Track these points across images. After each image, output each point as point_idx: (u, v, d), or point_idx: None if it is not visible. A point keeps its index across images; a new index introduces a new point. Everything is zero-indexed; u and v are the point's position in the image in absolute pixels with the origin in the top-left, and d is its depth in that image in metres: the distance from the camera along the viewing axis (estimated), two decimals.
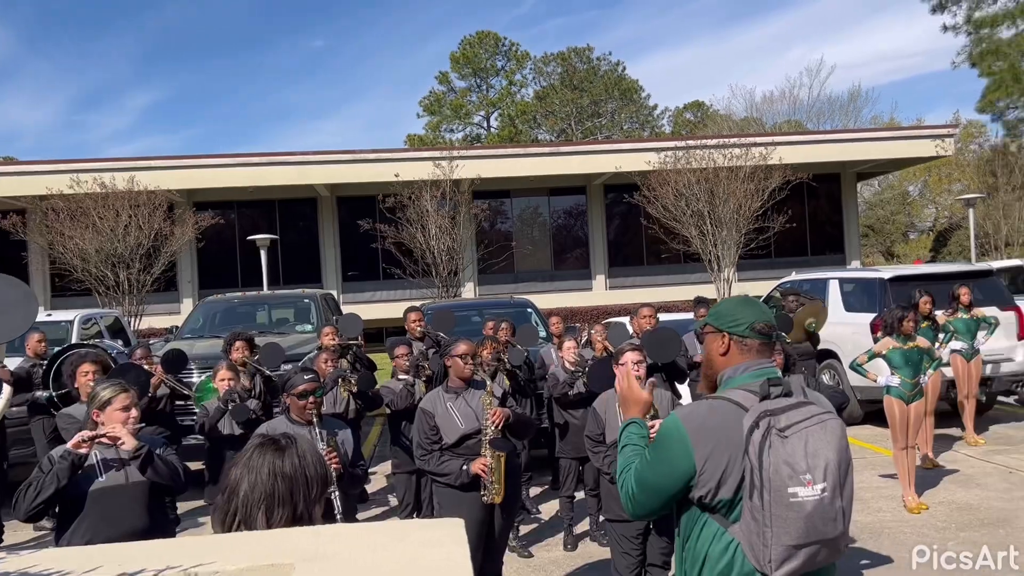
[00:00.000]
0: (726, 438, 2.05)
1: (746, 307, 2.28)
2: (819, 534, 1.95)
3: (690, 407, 2.23)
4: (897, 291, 9.40)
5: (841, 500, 2.00)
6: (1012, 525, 6.00)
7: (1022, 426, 9.57)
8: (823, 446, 1.98)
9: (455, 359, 4.36)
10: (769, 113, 41.72)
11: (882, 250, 38.94)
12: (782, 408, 2.03)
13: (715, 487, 2.05)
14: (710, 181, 18.25)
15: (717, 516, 2.08)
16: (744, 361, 2.21)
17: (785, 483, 1.94)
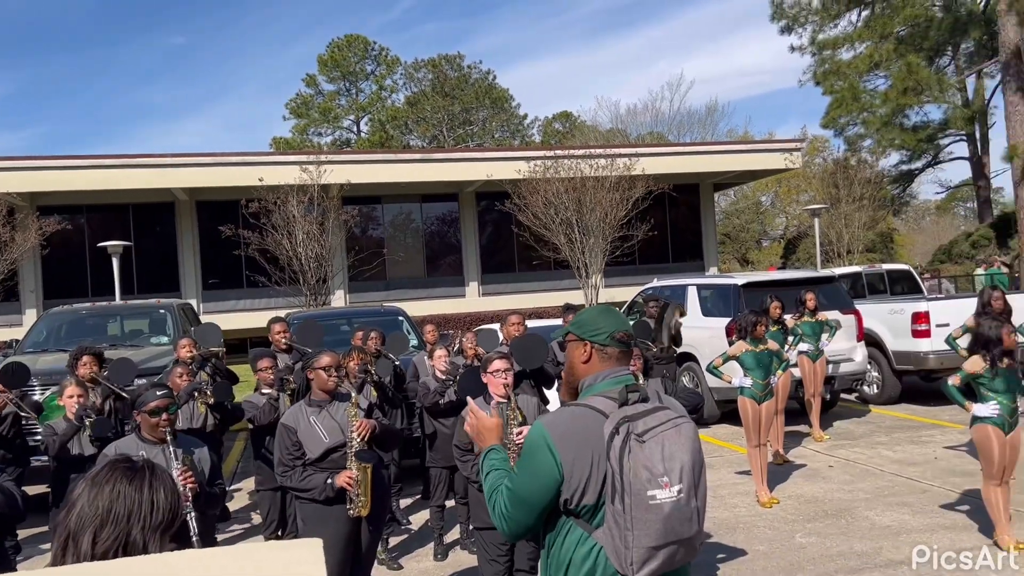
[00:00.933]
0: (588, 444, 2.09)
1: (607, 317, 2.34)
2: (677, 534, 2.02)
3: (553, 415, 2.26)
4: (750, 296, 9.92)
5: (696, 500, 2.08)
6: (852, 515, 6.45)
7: (862, 422, 10.31)
8: (678, 449, 2.05)
9: (318, 371, 4.26)
10: (633, 125, 43.27)
11: (738, 257, 41.05)
12: (640, 414, 2.09)
13: (580, 493, 2.09)
14: (578, 190, 18.68)
15: (580, 521, 2.12)
16: (601, 368, 2.27)
17: (644, 486, 1.99)
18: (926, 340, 10.57)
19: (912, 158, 32.18)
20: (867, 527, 6.11)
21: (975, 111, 28.95)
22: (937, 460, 8.01)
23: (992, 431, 5.36)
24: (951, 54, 28.47)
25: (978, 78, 28.87)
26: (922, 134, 29.06)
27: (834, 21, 26.45)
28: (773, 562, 5.51)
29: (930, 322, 10.59)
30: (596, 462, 2.07)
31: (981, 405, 5.41)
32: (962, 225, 40.92)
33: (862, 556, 5.51)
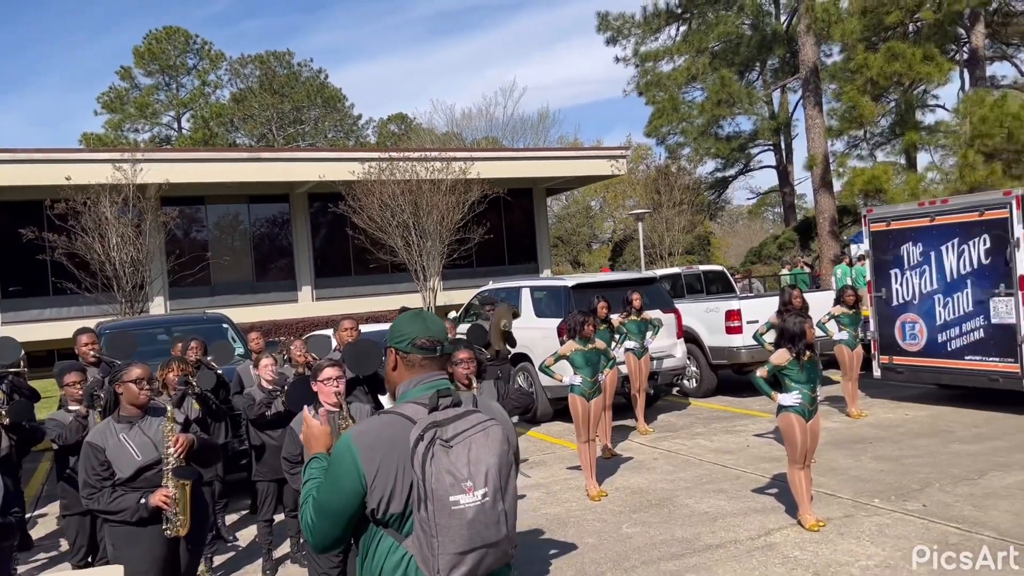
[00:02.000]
0: (395, 452, 2.08)
1: (412, 322, 2.32)
2: (483, 539, 2.02)
3: (362, 424, 2.23)
4: (579, 297, 10.25)
5: (503, 503, 2.07)
6: (674, 503, 6.81)
7: (683, 414, 10.91)
8: (485, 453, 2.05)
9: (127, 385, 3.97)
10: (468, 129, 43.65)
11: (570, 259, 42.39)
12: (450, 419, 2.08)
13: (386, 502, 2.08)
14: (414, 193, 18.60)
15: (390, 531, 2.11)
16: (411, 375, 2.27)
17: (448, 492, 1.99)
18: (738, 336, 11.34)
19: (726, 166, 34.50)
20: (687, 514, 6.47)
21: (780, 123, 31.47)
22: (749, 448, 8.61)
23: (795, 419, 5.85)
24: (759, 69, 30.79)
25: (782, 92, 31.39)
26: (734, 143, 31.25)
27: (655, 35, 27.89)
28: (602, 554, 5.71)
29: (742, 319, 11.38)
30: (402, 470, 2.07)
31: (786, 395, 5.90)
32: (771, 228, 44.28)
33: (683, 542, 5.82)
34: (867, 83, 19.67)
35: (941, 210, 9.76)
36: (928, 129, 24.16)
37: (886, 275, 10.41)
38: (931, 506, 6.19)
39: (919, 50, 18.75)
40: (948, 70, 20.15)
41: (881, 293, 10.48)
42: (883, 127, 26.80)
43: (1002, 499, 6.24)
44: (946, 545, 5.35)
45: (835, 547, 5.49)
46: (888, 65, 18.78)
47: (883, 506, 6.27)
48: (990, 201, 9.24)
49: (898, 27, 20.62)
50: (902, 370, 10.26)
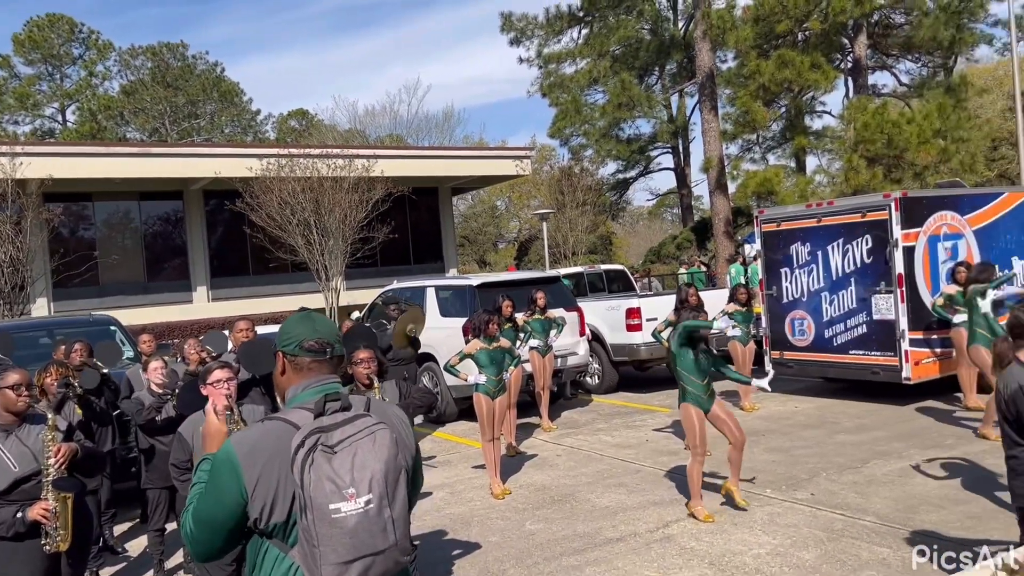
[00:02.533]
0: (276, 460, 2.00)
1: (300, 324, 2.24)
2: (368, 547, 1.95)
3: (244, 431, 2.14)
4: (484, 296, 10.28)
5: (391, 510, 1.99)
6: (576, 499, 6.90)
7: (585, 411, 11.08)
8: (371, 458, 1.98)
9: (3, 391, 3.73)
10: (372, 126, 43.12)
11: (476, 259, 42.46)
12: (336, 424, 2.01)
13: (268, 511, 2.01)
14: (315, 190, 18.22)
15: (276, 541, 2.04)
16: (299, 379, 2.20)
17: (328, 499, 1.92)
18: (638, 333, 11.61)
19: (627, 167, 35.23)
20: (589, 509, 6.57)
21: (678, 126, 32.36)
22: (648, 442, 8.81)
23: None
24: (658, 74, 31.56)
25: (680, 97, 32.28)
26: (635, 146, 31.94)
27: (558, 36, 28.22)
28: (505, 552, 5.73)
29: (641, 317, 11.65)
30: (284, 478, 1.99)
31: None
32: (670, 229, 45.49)
33: (584, 537, 5.91)
34: (759, 89, 20.47)
35: (827, 212, 10.25)
36: (816, 134, 25.36)
37: (777, 274, 10.84)
38: (819, 494, 6.48)
39: (807, 58, 19.65)
40: (834, 78, 21.20)
41: (772, 291, 10.91)
42: (775, 131, 27.95)
43: (882, 486, 6.60)
44: (832, 532, 5.61)
45: (729, 537, 5.68)
46: (779, 72, 19.59)
47: (774, 496, 6.52)
48: (871, 203, 9.75)
49: (788, 36, 21.53)
50: (792, 364, 10.72)
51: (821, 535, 5.57)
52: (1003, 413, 4.03)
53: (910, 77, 28.49)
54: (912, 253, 9.36)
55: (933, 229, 9.54)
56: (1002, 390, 4.00)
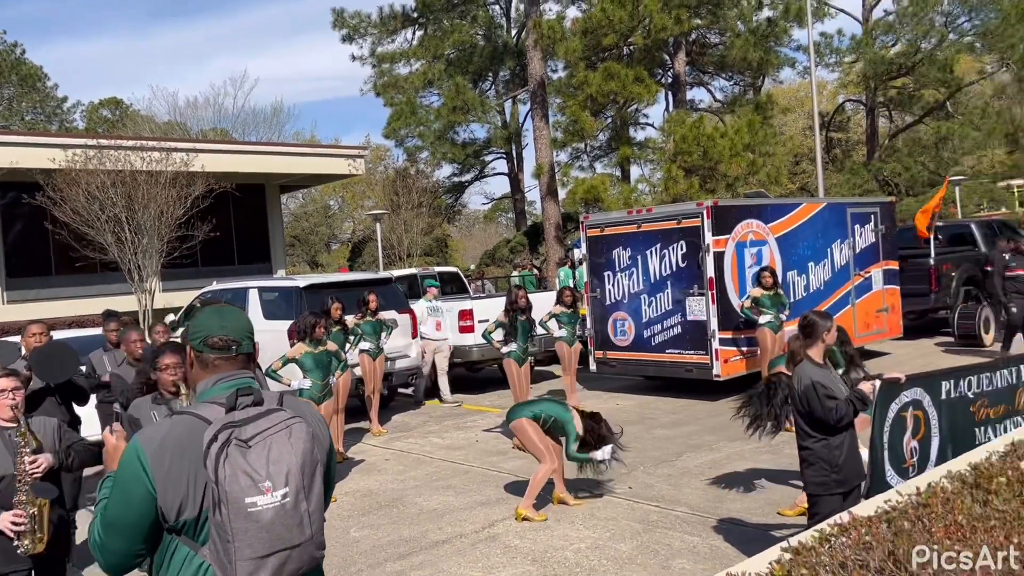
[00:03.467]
0: (187, 455, 1.97)
1: (208, 319, 2.20)
2: (284, 541, 1.93)
3: (152, 427, 2.08)
4: (312, 298, 9.98)
5: (307, 504, 1.98)
6: (403, 503, 6.84)
7: (416, 414, 11.02)
8: (287, 452, 1.96)
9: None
10: (194, 119, 40.84)
11: (308, 259, 41.27)
12: (250, 418, 1.98)
13: (178, 508, 1.96)
14: (127, 184, 16.99)
15: (185, 539, 1.99)
16: (208, 375, 2.17)
17: (244, 493, 1.89)
18: (471, 335, 11.69)
19: (462, 171, 35.51)
20: (416, 513, 6.53)
21: (512, 132, 32.97)
22: (478, 443, 8.89)
23: (527, 423, 6.22)
24: (492, 79, 32.04)
25: (514, 103, 32.92)
26: (469, 150, 32.24)
27: (392, 36, 27.98)
28: (327, 560, 5.55)
29: (474, 319, 11.75)
30: (195, 474, 1.96)
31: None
32: (504, 233, 46.26)
33: (409, 541, 5.86)
34: (588, 99, 21.23)
35: (647, 218, 10.77)
36: (639, 145, 26.66)
37: (601, 277, 11.27)
38: (636, 488, 6.78)
39: (632, 72, 20.60)
40: (656, 92, 22.34)
41: (596, 293, 11.33)
42: (602, 141, 29.13)
43: (694, 477, 7.00)
44: (648, 523, 5.88)
45: (552, 533, 5.82)
46: (605, 84, 20.40)
47: (595, 491, 6.75)
48: (686, 211, 10.35)
49: (614, 49, 22.49)
50: (614, 364, 11.17)
51: (638, 527, 5.82)
52: (796, 407, 4.38)
53: (724, 94, 30.61)
54: (722, 258, 10.01)
55: (740, 236, 10.25)
56: (795, 386, 4.34)
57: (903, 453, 4.69)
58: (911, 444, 4.71)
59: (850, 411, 4.17)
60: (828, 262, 11.41)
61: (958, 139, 27.07)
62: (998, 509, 2.66)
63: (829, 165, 32.60)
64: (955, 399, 4.98)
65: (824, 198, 15.64)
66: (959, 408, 5.00)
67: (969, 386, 5.05)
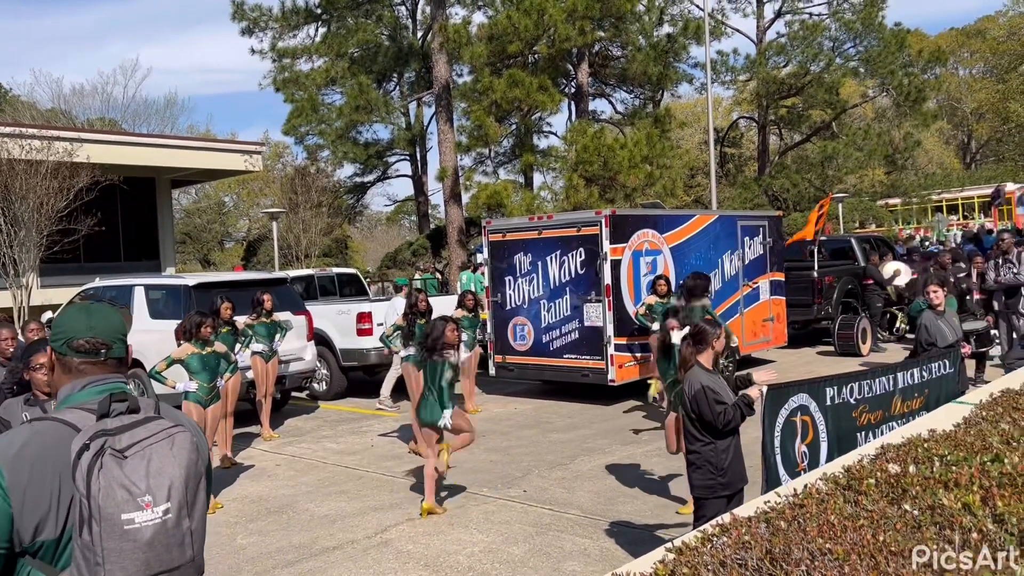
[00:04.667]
0: (49, 466, 1.75)
1: (73, 319, 1.99)
2: (163, 563, 1.74)
3: (8, 434, 1.83)
4: (201, 297, 9.63)
5: (190, 521, 1.81)
6: (294, 509, 6.67)
7: (311, 417, 10.78)
8: (169, 463, 1.78)
9: None
10: (80, 107, 38.85)
11: (199, 257, 39.82)
12: (126, 426, 1.79)
13: (35, 527, 1.73)
14: (4, 174, 16.00)
15: (40, 563, 1.75)
16: (72, 379, 1.95)
17: (120, 509, 1.69)
18: (369, 338, 11.53)
19: (365, 172, 35.02)
20: (307, 519, 6.37)
21: (416, 134, 32.78)
22: (374, 447, 8.77)
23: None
24: (397, 80, 31.77)
25: (418, 105, 32.73)
26: (372, 150, 31.85)
27: (293, 32, 27.36)
28: (211, 570, 5.36)
29: (372, 321, 11.59)
30: (59, 487, 1.74)
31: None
32: (407, 235, 45.91)
33: (299, 548, 5.72)
34: (492, 105, 21.33)
35: (548, 225, 10.89)
36: (543, 153, 26.94)
37: (502, 281, 11.32)
38: (531, 491, 6.83)
39: (536, 80, 20.81)
40: (559, 101, 22.66)
41: (497, 298, 11.37)
42: (506, 147, 29.31)
43: (587, 480, 7.10)
44: (541, 526, 5.93)
45: (446, 537, 5.79)
46: (510, 90, 20.54)
47: (491, 494, 6.77)
48: (585, 219, 10.52)
49: (519, 56, 22.68)
50: (513, 368, 11.24)
51: (531, 530, 5.86)
52: (687, 411, 4.50)
53: (624, 106, 31.35)
54: (619, 266, 10.22)
55: (637, 245, 10.49)
56: (686, 390, 4.47)
57: (795, 457, 4.89)
58: (801, 449, 4.92)
59: (737, 415, 4.32)
60: (719, 272, 11.82)
61: (842, 158, 28.56)
62: (867, 509, 2.80)
63: (722, 179, 33.90)
64: (839, 404, 5.23)
65: (716, 211, 16.23)
66: (843, 413, 5.26)
67: (851, 392, 5.32)
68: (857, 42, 28.80)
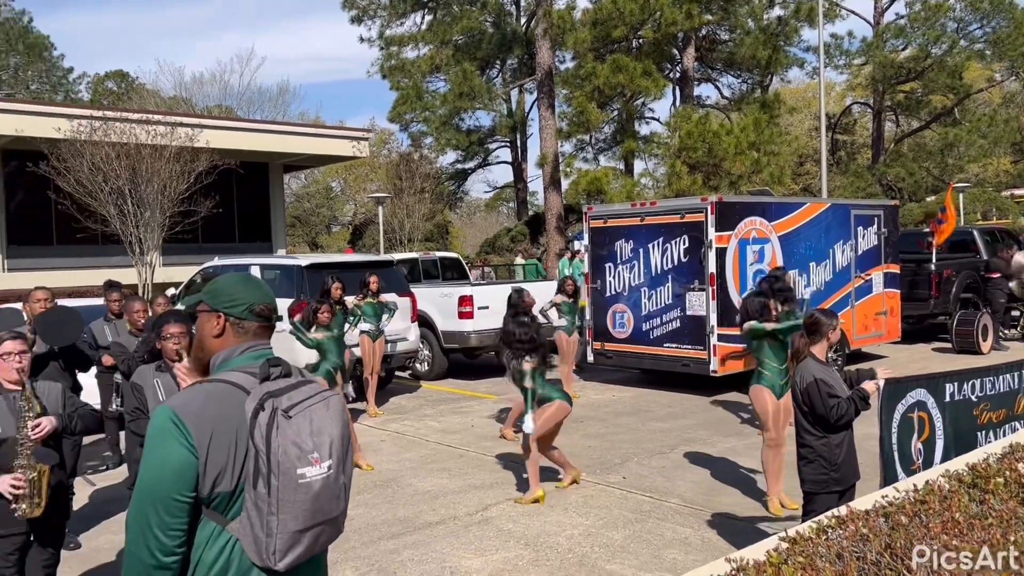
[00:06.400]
0: (227, 423, 1.89)
1: (246, 287, 2.14)
2: (325, 513, 1.92)
3: (184, 393, 1.99)
4: (313, 277, 10.00)
5: (344, 477, 1.99)
6: (398, 483, 6.87)
7: (413, 396, 11.06)
8: (328, 423, 1.94)
9: None
10: (200, 95, 40.75)
11: (308, 240, 41.23)
12: (284, 389, 1.94)
13: (216, 479, 1.88)
14: (132, 158, 16.98)
15: (213, 513, 1.91)
16: (236, 343, 2.09)
17: (294, 464, 1.85)
18: (469, 321, 11.71)
19: (466, 158, 35.47)
20: (411, 494, 6.56)
21: (517, 121, 32.92)
22: (474, 428, 8.92)
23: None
24: (500, 67, 31.94)
25: (520, 92, 32.85)
26: (474, 137, 32.20)
27: (401, 20, 27.90)
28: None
29: (473, 305, 11.77)
30: (236, 443, 1.89)
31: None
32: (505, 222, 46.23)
33: (404, 521, 5.90)
34: (594, 91, 21.20)
35: (650, 211, 10.77)
36: (644, 139, 26.63)
37: (602, 268, 11.28)
38: (630, 478, 6.81)
39: (640, 65, 20.55)
40: (663, 86, 22.31)
41: (597, 284, 11.34)
42: (607, 133, 29.09)
43: (687, 470, 7.03)
44: (641, 513, 5.92)
45: (545, 519, 5.85)
46: (613, 76, 20.36)
47: (589, 479, 6.79)
48: (690, 206, 10.35)
49: (623, 41, 22.44)
50: (611, 355, 11.20)
51: (630, 516, 5.86)
52: (798, 404, 4.39)
53: (731, 91, 30.57)
54: (724, 254, 10.02)
55: (744, 233, 10.25)
56: (798, 382, 4.36)
57: (911, 454, 4.71)
58: (917, 446, 4.73)
59: (851, 410, 4.19)
60: (830, 263, 11.43)
61: (964, 146, 27.04)
62: (995, 508, 2.68)
63: (833, 167, 32.62)
64: (959, 402, 4.99)
65: (828, 199, 15.66)
66: (963, 411, 5.02)
67: (973, 389, 5.07)
68: (984, 23, 27.12)
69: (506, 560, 5.12)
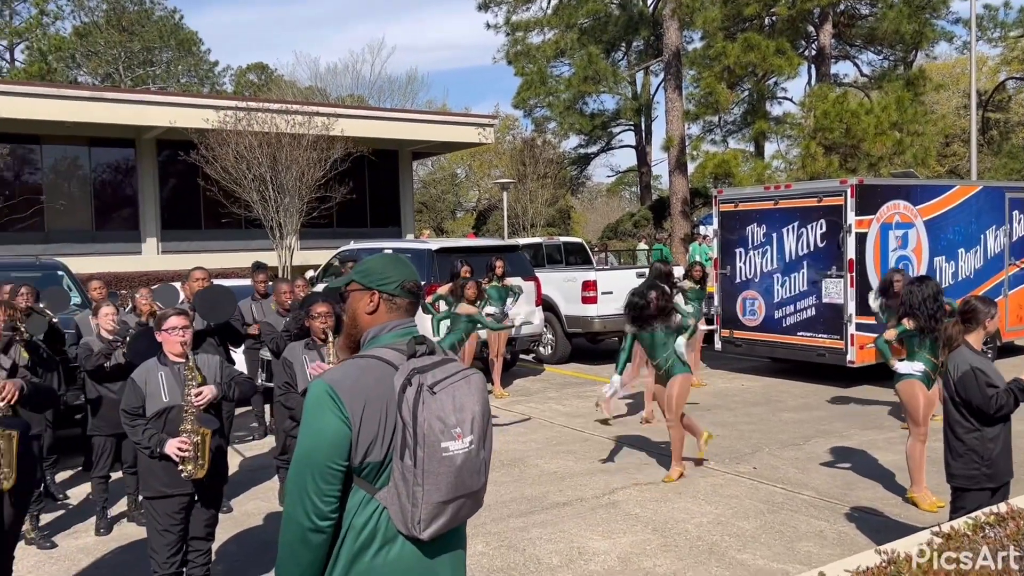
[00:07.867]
0: (378, 397, 2.00)
1: (396, 265, 2.23)
2: (466, 487, 1.99)
3: (339, 368, 2.11)
4: (442, 261, 10.26)
5: (485, 452, 2.07)
6: (525, 463, 6.98)
7: (538, 379, 11.17)
8: (469, 400, 2.01)
9: None
10: (333, 85, 42.34)
11: (434, 225, 42.20)
12: (429, 365, 2.02)
13: (367, 449, 2.00)
14: (272, 146, 17.89)
15: (363, 483, 2.02)
16: (387, 319, 2.18)
17: (438, 438, 1.94)
18: (593, 306, 11.70)
19: (589, 142, 35.27)
20: (537, 474, 6.66)
21: (641, 104, 32.44)
22: (598, 411, 8.92)
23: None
24: (625, 49, 31.54)
25: (645, 74, 32.33)
26: (597, 121, 31.95)
27: (527, 5, 28.00)
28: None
29: (597, 290, 11.74)
30: (386, 416, 1.99)
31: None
32: (627, 207, 45.75)
33: (531, 500, 5.99)
34: (724, 71, 20.60)
35: (784, 195, 10.40)
36: (776, 120, 25.64)
37: (731, 254, 11.00)
38: (761, 468, 6.65)
39: (773, 43, 19.81)
40: (798, 65, 21.42)
41: (726, 270, 11.08)
42: (736, 115, 28.21)
43: (822, 462, 6.80)
44: (773, 504, 5.78)
45: (673, 505, 5.81)
46: (744, 55, 19.72)
47: (718, 468, 6.68)
48: (828, 188, 9.93)
49: (755, 19, 21.67)
50: (741, 343, 10.92)
51: (762, 507, 5.73)
52: (950, 395, 4.16)
53: (871, 68, 28.95)
54: (864, 239, 9.56)
55: (886, 217, 9.76)
56: (951, 372, 4.13)
57: None
58: None
59: (1011, 401, 3.93)
60: (980, 249, 10.71)
61: None
62: None
63: (984, 147, 30.43)
64: None
65: (980, 181, 14.64)
66: None
67: None
68: None
69: (634, 544, 5.13)
